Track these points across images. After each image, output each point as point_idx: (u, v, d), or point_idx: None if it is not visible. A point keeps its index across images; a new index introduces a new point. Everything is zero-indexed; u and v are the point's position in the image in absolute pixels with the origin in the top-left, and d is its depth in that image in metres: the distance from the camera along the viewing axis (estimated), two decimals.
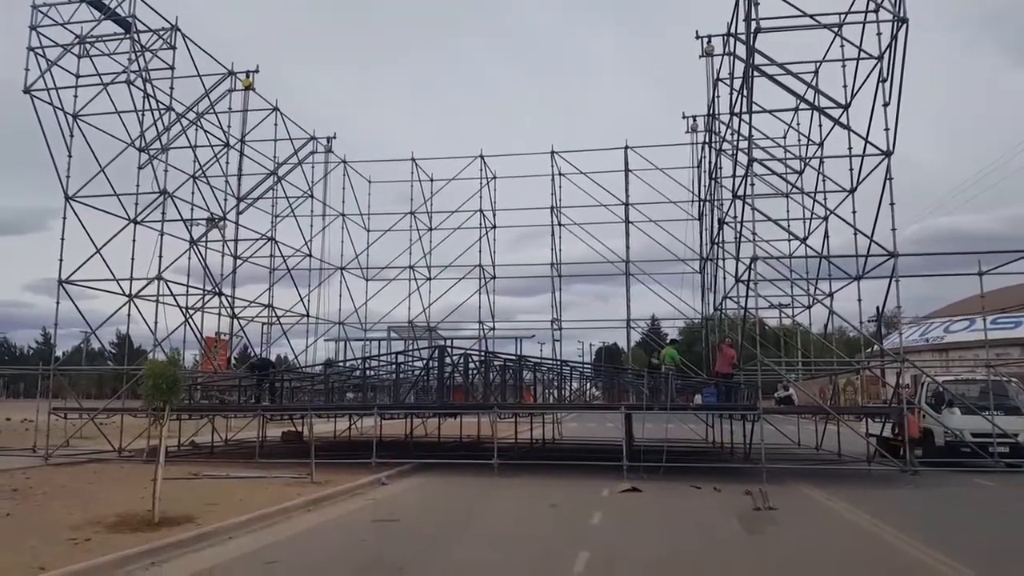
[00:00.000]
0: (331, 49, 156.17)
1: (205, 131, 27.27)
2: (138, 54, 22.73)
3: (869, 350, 28.69)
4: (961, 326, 49.63)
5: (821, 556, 9.69)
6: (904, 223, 19.15)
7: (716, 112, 26.13)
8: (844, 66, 21.84)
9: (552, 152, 31.85)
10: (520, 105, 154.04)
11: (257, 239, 30.14)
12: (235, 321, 28.66)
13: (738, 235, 23.25)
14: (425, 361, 23.59)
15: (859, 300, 22.38)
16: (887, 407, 20.95)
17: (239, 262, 29.25)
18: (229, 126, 28.11)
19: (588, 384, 32.69)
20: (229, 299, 27.82)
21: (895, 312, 21.91)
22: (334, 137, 33.30)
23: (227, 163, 28.23)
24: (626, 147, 31.26)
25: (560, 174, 32.00)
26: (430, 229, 34.87)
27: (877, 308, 23.61)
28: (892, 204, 18.99)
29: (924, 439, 20.80)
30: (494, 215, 33.72)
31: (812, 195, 24.35)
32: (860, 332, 25.03)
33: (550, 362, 27.46)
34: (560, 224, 32.34)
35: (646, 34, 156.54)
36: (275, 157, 30.50)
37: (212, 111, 27.23)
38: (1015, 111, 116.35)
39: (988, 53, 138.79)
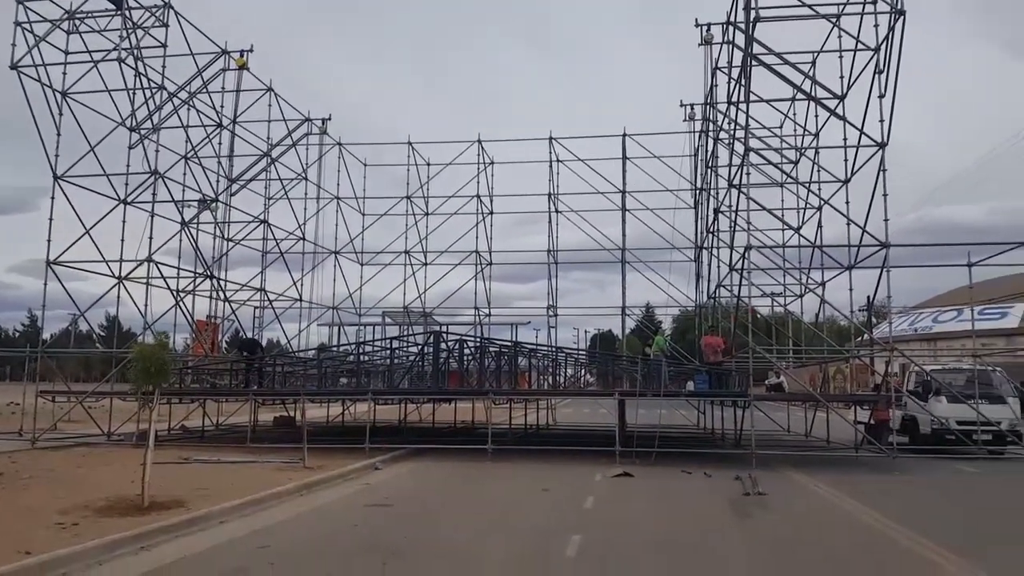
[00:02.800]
0: (327, 30, 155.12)
1: (197, 111, 27.01)
2: (129, 31, 22.44)
3: (859, 339, 28.84)
4: (949, 316, 49.92)
5: (808, 541, 9.78)
6: (897, 214, 19.19)
7: (714, 101, 26.05)
8: (841, 57, 21.79)
9: (550, 138, 31.74)
10: (519, 90, 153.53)
11: (250, 221, 29.95)
12: (226, 304, 28.52)
13: (733, 224, 23.30)
14: (420, 347, 23.59)
15: (850, 290, 22.46)
16: (875, 395, 21.10)
17: (231, 245, 29.10)
18: (222, 106, 27.86)
19: (583, 371, 32.79)
20: (221, 282, 27.69)
21: (885, 302, 21.97)
22: (329, 119, 32.97)
23: (220, 144, 28.00)
24: (624, 135, 31.19)
25: (558, 160, 31.92)
26: (426, 214, 34.70)
27: (868, 298, 23.75)
28: (885, 195, 19.05)
29: (909, 427, 21.04)
30: (491, 201, 33.61)
31: (807, 185, 24.37)
32: (851, 321, 25.18)
33: (545, 348, 27.50)
34: (557, 211, 32.31)
35: (647, 21, 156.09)
36: (269, 138, 30.26)
37: (205, 91, 26.96)
38: (1009, 103, 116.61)
39: (983, 44, 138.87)
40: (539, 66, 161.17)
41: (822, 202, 23.50)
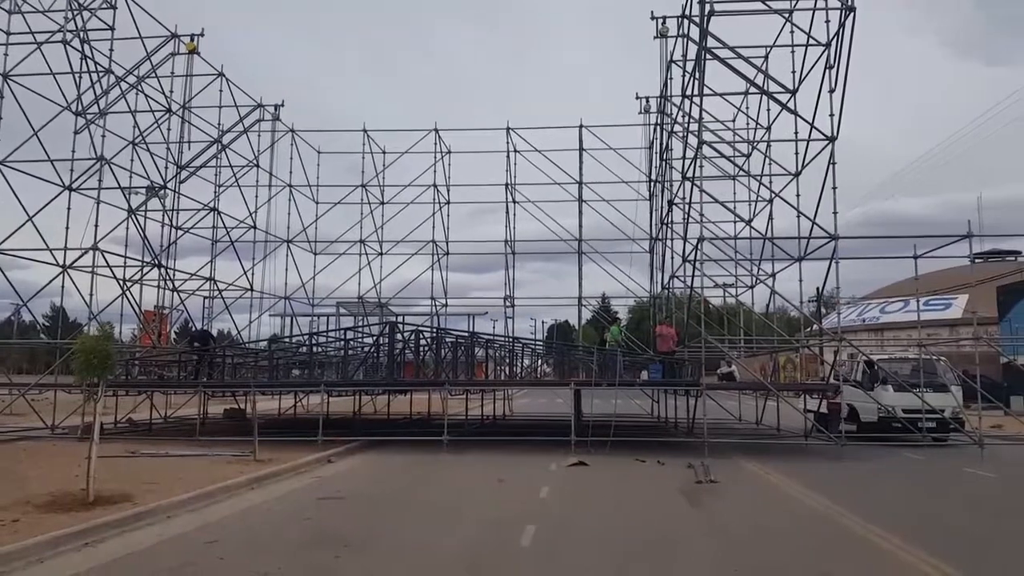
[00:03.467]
0: (280, 14, 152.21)
1: (146, 96, 26.35)
2: (75, 12, 21.75)
3: (808, 329, 29.49)
4: (896, 307, 51.36)
5: (758, 527, 9.96)
6: (846, 207, 19.59)
7: (669, 94, 26.29)
8: (793, 52, 22.13)
9: (507, 128, 31.67)
10: (476, 80, 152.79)
11: (199, 209, 29.31)
12: (175, 294, 27.93)
13: (686, 216, 23.56)
14: (375, 337, 23.38)
15: (800, 281, 22.92)
16: (824, 384, 21.59)
17: (180, 233, 28.48)
18: (171, 91, 27.19)
19: (539, 361, 32.90)
20: (169, 271, 27.09)
21: (834, 293, 22.52)
22: (282, 105, 32.42)
23: (169, 130, 27.36)
24: (580, 126, 31.27)
25: (515, 151, 31.86)
26: (382, 203, 34.28)
27: (817, 289, 24.25)
28: (835, 188, 19.44)
29: (850, 416, 21.57)
30: (448, 190, 33.42)
31: (758, 178, 24.77)
32: (800, 312, 25.71)
33: (502, 339, 27.51)
34: (514, 201, 32.27)
35: (603, 10, 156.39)
36: (219, 124, 29.62)
37: (154, 75, 26.31)
38: (955, 100, 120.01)
39: (931, 43, 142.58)
40: (496, 55, 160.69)
41: (773, 195, 23.90)
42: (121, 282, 23.93)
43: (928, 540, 8.75)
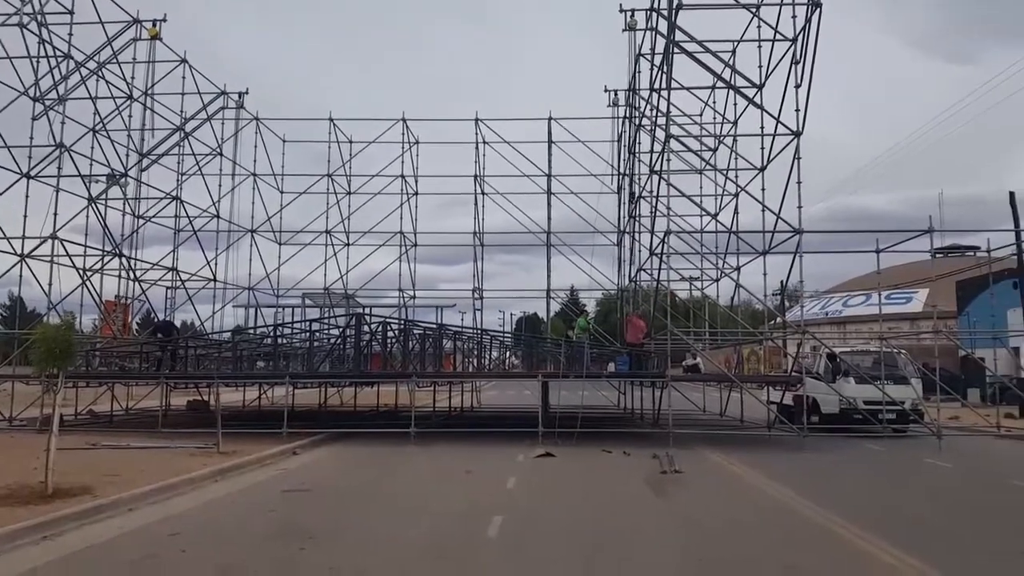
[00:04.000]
0: (245, 2, 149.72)
1: (107, 82, 25.75)
2: None
3: (772, 322, 29.92)
4: (858, 301, 52.36)
5: (720, 516, 10.10)
6: (809, 202, 19.86)
7: (637, 87, 26.40)
8: (760, 47, 22.31)
9: (476, 119, 31.52)
10: (444, 70, 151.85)
11: (161, 198, 28.82)
12: (137, 284, 27.46)
13: (653, 209, 23.72)
14: (341, 329, 23.21)
15: (764, 274, 23.16)
16: (787, 376, 21.94)
17: (142, 222, 28.01)
18: (133, 78, 26.61)
19: (508, 353, 32.91)
20: (130, 261, 26.61)
21: (798, 286, 22.90)
22: (246, 92, 31.82)
23: (130, 117, 26.81)
24: (549, 118, 31.24)
25: (484, 142, 31.73)
26: (348, 193, 33.89)
27: (781, 282, 24.66)
28: (799, 183, 19.68)
29: (812, 407, 21.91)
30: (416, 181, 33.20)
31: (724, 172, 25.01)
32: (765, 305, 26.07)
33: (470, 331, 27.49)
34: (483, 193, 32.15)
35: (573, 0, 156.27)
36: (182, 112, 29.10)
37: (115, 61, 25.72)
38: (918, 98, 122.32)
39: (895, 41, 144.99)
40: (466, 45, 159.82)
41: (739, 189, 24.13)
42: (81, 272, 23.49)
43: (889, 530, 8.93)
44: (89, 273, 23.97)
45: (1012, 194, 26.40)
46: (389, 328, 22.62)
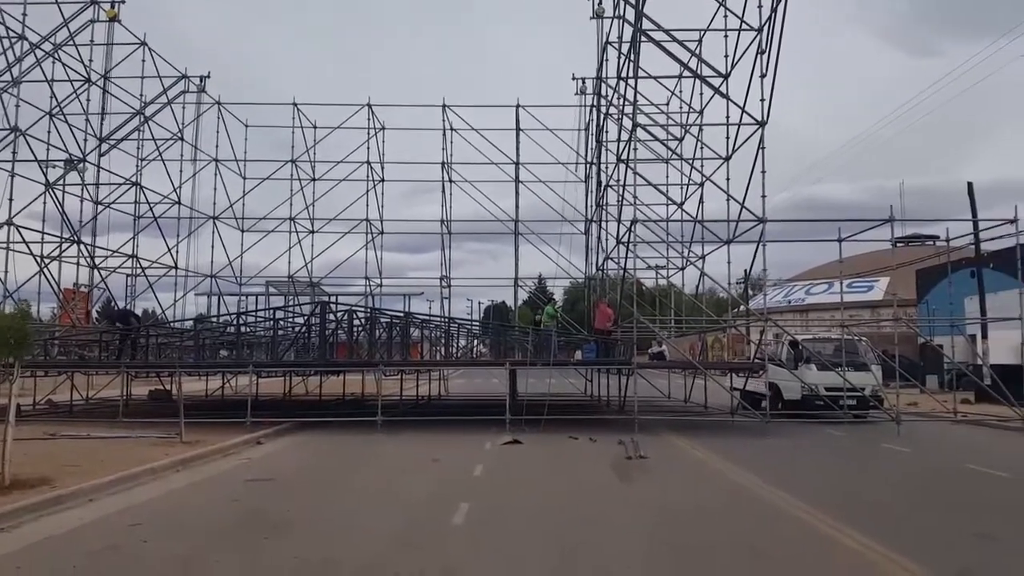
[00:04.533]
0: None
1: (64, 64, 25.11)
2: None
3: (736, 310, 30.27)
4: (820, 289, 53.25)
5: (684, 501, 10.25)
6: (774, 191, 20.10)
7: (604, 75, 26.43)
8: (726, 36, 22.44)
9: (443, 106, 31.28)
10: (411, 55, 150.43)
11: (121, 184, 28.20)
12: (96, 272, 26.89)
13: (620, 198, 23.83)
14: (306, 317, 22.98)
15: (728, 263, 23.48)
16: (750, 363, 22.25)
17: (100, 208, 27.41)
18: (91, 60, 26.00)
19: (476, 341, 32.87)
20: (89, 248, 26.04)
21: (761, 275, 23.17)
22: (208, 76, 31.16)
23: (88, 100, 26.19)
24: (517, 105, 31.09)
25: (451, 129, 31.50)
26: (313, 179, 33.38)
27: (745, 271, 24.92)
28: (763, 172, 19.83)
29: (772, 395, 22.28)
30: (382, 168, 32.83)
31: (690, 161, 25.18)
32: (729, 293, 26.35)
33: (438, 319, 27.38)
34: (451, 180, 31.97)
35: None
36: (142, 96, 28.46)
37: (71, 43, 25.06)
38: (881, 89, 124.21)
39: (860, 32, 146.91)
40: (431, 31, 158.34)
41: (704, 178, 24.33)
42: (38, 259, 22.94)
43: (849, 513, 9.10)
44: (47, 260, 23.45)
45: (970, 184, 26.97)
46: (355, 316, 22.44)
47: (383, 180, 32.77)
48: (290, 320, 24.51)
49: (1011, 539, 8.24)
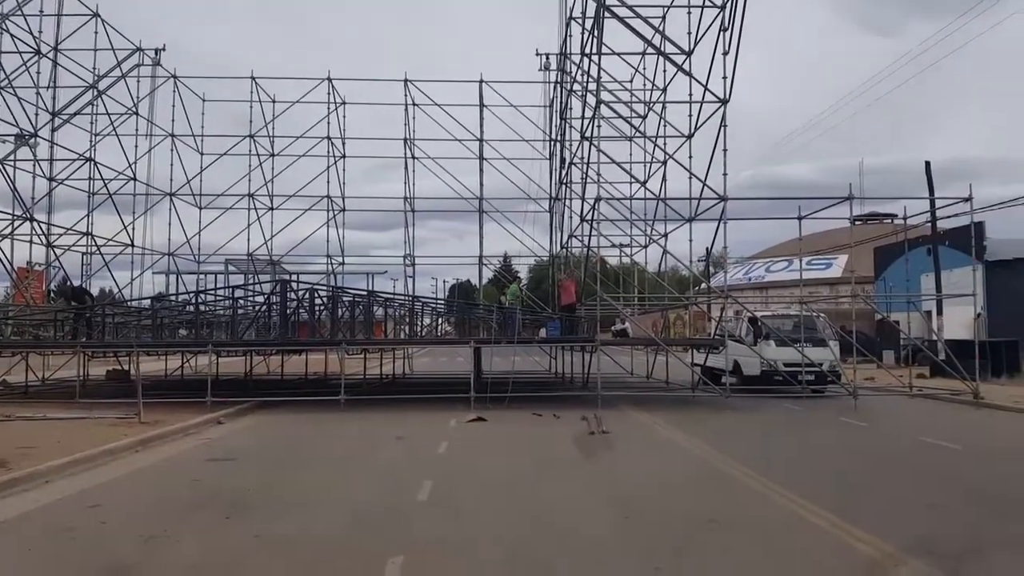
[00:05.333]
0: None
1: (11, 35, 24.28)
2: None
3: (697, 288, 30.64)
4: (780, 266, 54.01)
5: (648, 474, 10.40)
6: (736, 169, 20.29)
7: (568, 51, 26.30)
8: (690, 13, 22.47)
9: (405, 80, 30.89)
10: (372, 28, 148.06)
11: (74, 160, 27.43)
12: (50, 250, 26.23)
13: (584, 176, 23.86)
14: (266, 296, 22.69)
15: (690, 241, 23.71)
16: (711, 340, 22.58)
17: (54, 184, 26.67)
18: (40, 32, 25.13)
19: (440, 320, 32.81)
20: (42, 225, 25.37)
21: (722, 252, 23.38)
22: (163, 49, 30.26)
23: (39, 74, 25.32)
24: (481, 81, 30.83)
25: (414, 104, 31.15)
26: (272, 155, 32.72)
27: (706, 249, 25.17)
28: (725, 151, 20.04)
29: (734, 369, 22.63)
30: (343, 144, 32.36)
31: (653, 139, 25.26)
32: (690, 271, 26.63)
33: (402, 298, 27.23)
34: (414, 157, 31.66)
35: None
36: (95, 69, 27.59)
37: (19, 12, 24.23)
38: (843, 68, 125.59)
39: (823, 10, 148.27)
40: (391, 3, 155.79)
41: (667, 156, 24.45)
42: None
43: (805, 485, 9.31)
44: None
45: (928, 164, 27.49)
46: (317, 295, 22.22)
47: (344, 156, 32.33)
48: (250, 299, 24.18)
49: (961, 509, 8.51)
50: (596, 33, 20.25)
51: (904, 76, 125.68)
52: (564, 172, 27.81)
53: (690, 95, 22.68)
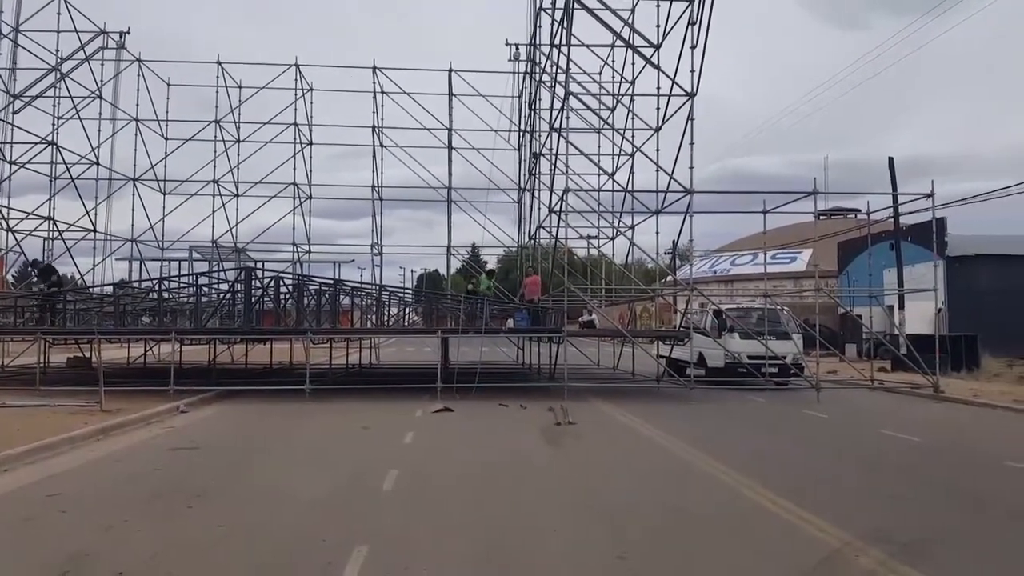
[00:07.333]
0: None
1: None
2: None
3: (664, 280, 30.95)
4: (746, 260, 54.73)
5: (614, 465, 10.52)
6: (703, 163, 20.49)
7: (538, 42, 26.30)
8: (659, 6, 22.59)
9: (374, 68, 30.65)
10: (341, 14, 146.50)
11: (36, 143, 26.83)
12: (10, 235, 25.66)
13: (553, 167, 23.94)
14: (231, 284, 22.45)
15: (657, 233, 23.86)
16: (676, 332, 22.84)
17: (14, 168, 26.10)
18: (1, 11, 24.52)
19: (408, 309, 32.73)
20: (3, 210, 24.78)
21: (688, 245, 23.68)
22: (128, 32, 29.71)
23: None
24: (450, 70, 30.69)
25: (382, 92, 30.94)
26: (238, 141, 32.23)
27: (673, 241, 25.46)
28: (692, 144, 20.23)
29: (699, 361, 22.94)
30: (311, 130, 32.10)
31: (621, 132, 25.39)
32: (657, 263, 26.87)
33: (369, 287, 27.11)
34: (382, 146, 31.45)
35: None
36: (58, 51, 26.96)
37: None
38: (810, 63, 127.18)
39: (790, 4, 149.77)
40: None
41: (635, 149, 24.61)
42: None
43: (768, 476, 9.49)
44: None
45: (891, 159, 27.95)
46: (282, 283, 22.03)
47: (311, 143, 32.10)
48: (214, 286, 23.90)
49: (921, 499, 8.73)
50: (566, 24, 20.29)
51: (870, 71, 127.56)
52: (533, 163, 27.84)
53: (658, 88, 22.82)
